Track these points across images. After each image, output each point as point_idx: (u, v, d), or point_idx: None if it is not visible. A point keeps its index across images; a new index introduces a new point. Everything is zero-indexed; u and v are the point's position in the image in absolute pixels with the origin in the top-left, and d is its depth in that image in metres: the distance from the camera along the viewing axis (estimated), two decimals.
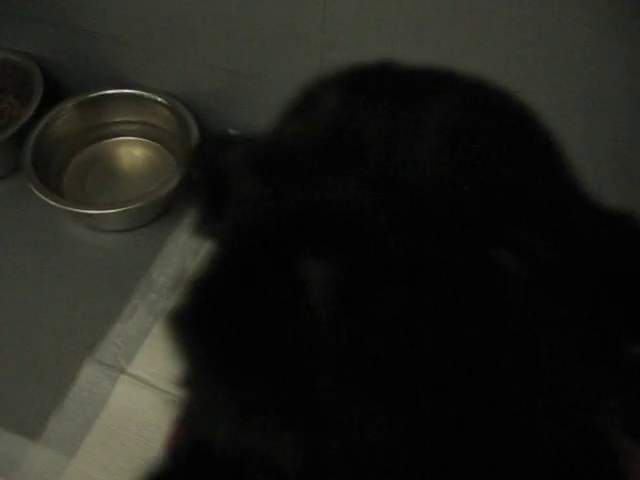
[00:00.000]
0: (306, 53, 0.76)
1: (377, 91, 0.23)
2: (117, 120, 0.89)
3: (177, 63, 0.83)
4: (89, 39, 0.86)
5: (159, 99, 0.86)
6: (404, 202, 0.20)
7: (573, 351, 0.21)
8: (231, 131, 0.87)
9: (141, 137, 0.90)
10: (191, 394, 0.23)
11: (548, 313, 0.21)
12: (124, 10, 0.81)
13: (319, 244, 0.19)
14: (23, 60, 0.89)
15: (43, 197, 0.78)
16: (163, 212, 0.84)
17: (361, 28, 0.70)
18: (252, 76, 0.81)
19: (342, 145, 0.21)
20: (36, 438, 0.69)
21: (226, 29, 0.77)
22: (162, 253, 0.81)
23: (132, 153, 0.89)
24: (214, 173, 0.26)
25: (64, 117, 0.86)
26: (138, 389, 0.72)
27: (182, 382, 0.22)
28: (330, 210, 0.20)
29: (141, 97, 0.86)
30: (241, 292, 0.20)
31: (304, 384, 0.19)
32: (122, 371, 0.73)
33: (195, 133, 0.83)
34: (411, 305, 0.18)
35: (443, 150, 0.21)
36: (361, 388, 0.18)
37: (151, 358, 0.75)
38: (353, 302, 0.18)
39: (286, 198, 0.20)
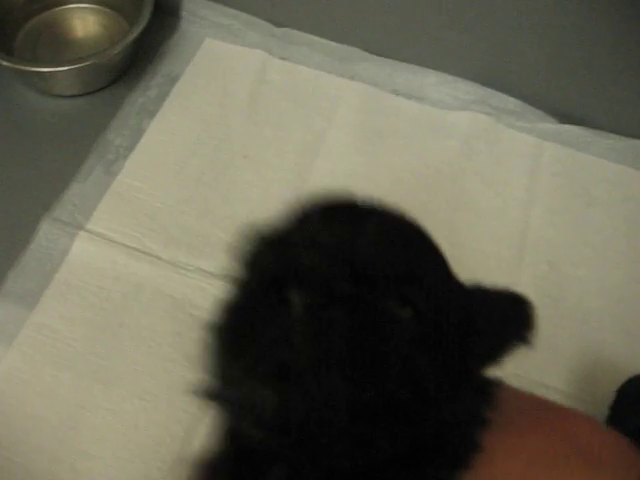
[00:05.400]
0: None
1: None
2: None
3: None
4: None
5: None
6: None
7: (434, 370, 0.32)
8: None
9: (94, 4, 0.87)
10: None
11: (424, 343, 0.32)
12: None
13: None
14: None
15: None
16: (118, 77, 0.82)
17: None
18: None
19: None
20: None
21: None
22: (118, 115, 0.80)
23: (85, 20, 0.87)
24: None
25: None
26: (96, 244, 0.72)
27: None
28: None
29: None
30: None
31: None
32: (80, 227, 0.73)
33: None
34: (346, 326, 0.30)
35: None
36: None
37: (109, 214, 0.74)
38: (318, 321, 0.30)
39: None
